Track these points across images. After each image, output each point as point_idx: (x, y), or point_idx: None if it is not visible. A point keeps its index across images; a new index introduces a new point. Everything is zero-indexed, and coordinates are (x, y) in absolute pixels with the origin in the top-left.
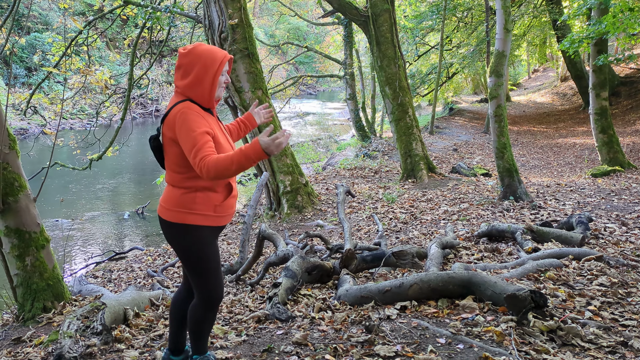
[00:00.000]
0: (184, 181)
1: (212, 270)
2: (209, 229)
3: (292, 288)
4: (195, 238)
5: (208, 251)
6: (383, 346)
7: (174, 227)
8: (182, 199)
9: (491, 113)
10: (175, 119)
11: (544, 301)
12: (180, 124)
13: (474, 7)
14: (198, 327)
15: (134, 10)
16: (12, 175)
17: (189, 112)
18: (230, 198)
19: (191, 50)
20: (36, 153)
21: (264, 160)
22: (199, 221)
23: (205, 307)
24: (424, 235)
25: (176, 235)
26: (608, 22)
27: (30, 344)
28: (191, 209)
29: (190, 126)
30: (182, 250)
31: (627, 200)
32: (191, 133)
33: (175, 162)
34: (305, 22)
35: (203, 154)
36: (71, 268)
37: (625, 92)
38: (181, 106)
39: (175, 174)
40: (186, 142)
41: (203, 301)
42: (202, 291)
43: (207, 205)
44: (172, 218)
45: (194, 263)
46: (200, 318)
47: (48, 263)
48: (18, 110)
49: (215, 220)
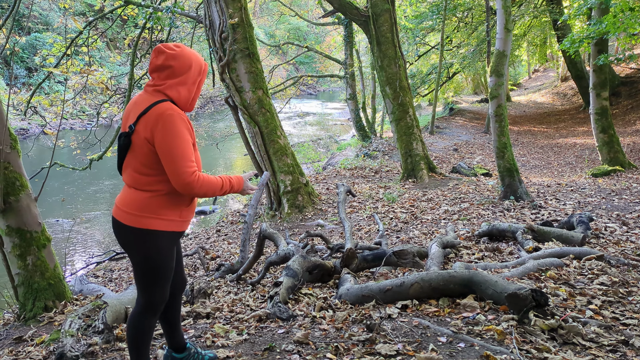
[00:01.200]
0: (152, 184)
1: (163, 278)
2: (171, 235)
3: (293, 287)
4: (157, 245)
5: (166, 259)
6: (384, 345)
7: (135, 233)
8: (148, 203)
9: (492, 113)
10: (159, 119)
11: (545, 300)
12: (165, 127)
13: (474, 7)
14: (140, 334)
15: (135, 11)
16: (13, 174)
17: (177, 115)
18: (193, 202)
19: (180, 53)
20: (36, 153)
21: (264, 160)
22: (163, 226)
23: (147, 313)
24: (425, 235)
25: (136, 241)
26: (608, 22)
27: (31, 343)
28: (157, 214)
29: (179, 132)
30: (140, 257)
31: (627, 199)
32: (179, 140)
33: (145, 163)
34: (306, 22)
35: (193, 167)
36: (72, 268)
37: (626, 92)
38: (165, 107)
39: (142, 175)
40: (172, 148)
41: (146, 307)
42: (149, 297)
43: (174, 210)
44: (134, 223)
45: (149, 270)
46: (141, 326)
47: (49, 262)
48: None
49: (180, 225)
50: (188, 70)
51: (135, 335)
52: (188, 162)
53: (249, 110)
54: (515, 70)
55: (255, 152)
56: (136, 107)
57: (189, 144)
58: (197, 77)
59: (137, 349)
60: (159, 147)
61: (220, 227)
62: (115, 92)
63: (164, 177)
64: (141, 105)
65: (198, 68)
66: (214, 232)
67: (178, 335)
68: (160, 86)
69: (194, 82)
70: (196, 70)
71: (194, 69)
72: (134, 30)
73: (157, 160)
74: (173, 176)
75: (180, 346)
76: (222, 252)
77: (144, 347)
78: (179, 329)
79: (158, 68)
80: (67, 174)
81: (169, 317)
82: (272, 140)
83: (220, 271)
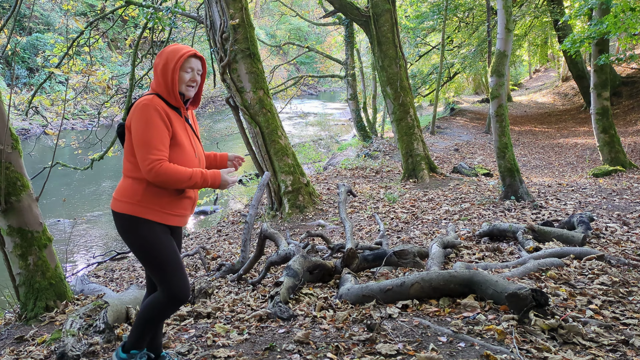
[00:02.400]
0: (134, 171)
1: (170, 263)
2: (155, 225)
3: (293, 287)
4: (145, 232)
5: (163, 243)
6: (385, 344)
7: (124, 219)
8: (131, 189)
9: (492, 113)
10: (135, 109)
11: (545, 300)
12: (137, 115)
13: (475, 7)
14: (152, 321)
15: (136, 11)
16: (14, 174)
17: (150, 105)
18: (183, 198)
19: (161, 51)
20: (38, 153)
21: (265, 160)
22: (147, 215)
23: (169, 305)
24: (425, 235)
25: (126, 228)
26: (609, 22)
27: (32, 343)
28: (139, 201)
29: (149, 120)
30: (133, 245)
31: (628, 200)
32: (146, 127)
33: (129, 150)
34: (307, 23)
35: (158, 156)
36: (73, 268)
37: (627, 92)
38: (144, 98)
39: (129, 163)
40: (138, 135)
41: (168, 298)
42: (167, 287)
43: (155, 199)
44: (121, 209)
45: (151, 257)
46: (159, 314)
47: (50, 262)
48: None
49: (164, 218)
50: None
51: (148, 318)
52: (153, 149)
53: (250, 110)
54: (516, 70)
55: (256, 152)
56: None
57: (159, 133)
58: (171, 65)
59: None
60: (132, 134)
61: (221, 227)
62: (116, 92)
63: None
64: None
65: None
66: (215, 232)
67: (156, 342)
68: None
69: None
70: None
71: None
72: (135, 31)
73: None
74: (139, 162)
75: (155, 354)
76: (223, 252)
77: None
78: (159, 336)
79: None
80: (69, 174)
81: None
82: (273, 141)
83: (221, 271)
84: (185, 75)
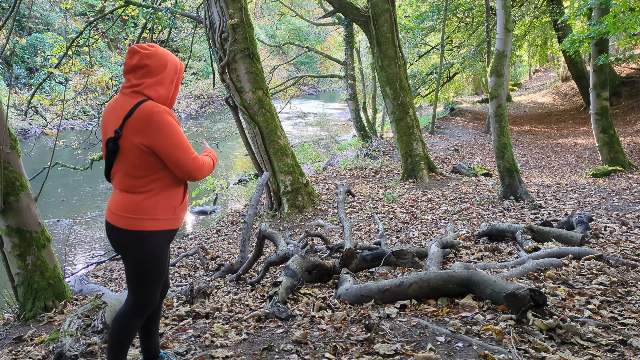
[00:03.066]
0: (145, 185)
1: (156, 279)
2: (165, 234)
3: (292, 287)
4: (152, 246)
5: (161, 260)
6: (383, 344)
7: (131, 235)
8: (142, 205)
9: (492, 113)
10: (150, 120)
11: (544, 300)
12: (159, 126)
13: (475, 8)
14: (124, 335)
15: (135, 11)
16: (13, 174)
17: (165, 111)
18: (185, 198)
19: (155, 52)
20: (37, 153)
21: (264, 160)
22: (158, 226)
23: (135, 315)
24: (425, 235)
25: (132, 244)
26: (609, 22)
27: (31, 343)
28: (152, 215)
29: (173, 126)
30: (136, 260)
31: (627, 200)
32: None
33: (136, 165)
34: (306, 23)
35: (195, 154)
36: (72, 268)
37: (626, 92)
38: (151, 106)
39: (134, 178)
40: (174, 143)
41: (135, 308)
42: (138, 298)
43: (168, 208)
44: (129, 226)
45: (143, 272)
46: (127, 327)
47: (49, 262)
48: (19, 110)
49: (174, 223)
50: (164, 69)
51: (118, 335)
52: (190, 150)
53: (249, 110)
54: (516, 70)
55: (255, 152)
56: (117, 112)
57: (183, 135)
58: (173, 75)
59: (116, 348)
60: (158, 146)
61: (220, 227)
62: (116, 92)
63: (155, 177)
64: (122, 108)
65: (174, 67)
66: (214, 232)
67: (153, 343)
68: (138, 87)
69: (171, 81)
70: (172, 69)
71: (170, 67)
72: (134, 31)
73: (149, 162)
74: (181, 169)
75: (153, 355)
76: (222, 252)
77: (124, 348)
78: (155, 336)
79: (133, 68)
80: (68, 174)
81: (146, 323)
82: (272, 141)
83: (220, 271)
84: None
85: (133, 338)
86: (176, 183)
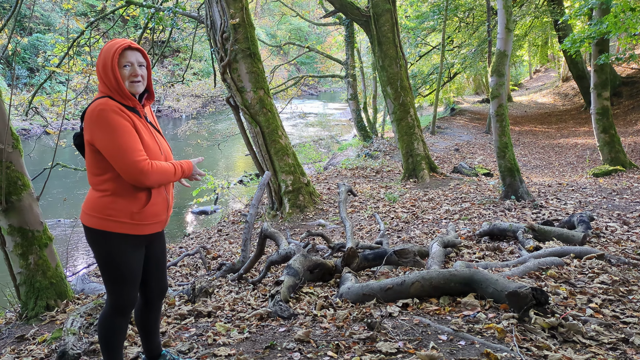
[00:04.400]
0: (101, 183)
1: (127, 281)
2: (123, 238)
3: (294, 286)
4: (114, 246)
5: (127, 261)
6: (385, 343)
7: (93, 233)
8: (98, 203)
9: (493, 112)
10: (92, 118)
11: (545, 298)
12: (97, 123)
13: (475, 8)
14: (109, 338)
15: (136, 11)
16: (15, 174)
17: (107, 108)
18: (150, 205)
19: (100, 50)
20: (37, 154)
21: (266, 159)
22: (115, 228)
23: (115, 314)
24: (426, 235)
25: (95, 242)
26: (609, 22)
27: (33, 342)
28: (107, 215)
29: (115, 125)
30: (101, 258)
31: (628, 199)
32: (118, 132)
33: (90, 162)
34: (307, 23)
35: (140, 156)
36: (73, 267)
37: (627, 92)
38: (96, 103)
39: (93, 175)
40: (114, 143)
41: (114, 308)
42: (115, 298)
43: (122, 212)
44: (90, 223)
45: (110, 271)
46: (111, 327)
47: (51, 261)
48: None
49: (135, 229)
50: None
51: (105, 336)
52: (135, 152)
53: (250, 110)
54: (516, 70)
55: (256, 152)
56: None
57: (130, 135)
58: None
59: (107, 349)
60: (101, 146)
61: (222, 226)
62: None
63: (108, 177)
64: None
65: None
66: (215, 232)
67: (154, 342)
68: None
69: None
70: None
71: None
72: (135, 31)
73: (98, 160)
74: (123, 170)
75: (155, 354)
76: (223, 252)
77: (115, 348)
78: (155, 336)
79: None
80: (69, 174)
81: (144, 323)
82: (274, 140)
83: (221, 270)
84: (124, 71)
85: (122, 337)
86: (132, 188)
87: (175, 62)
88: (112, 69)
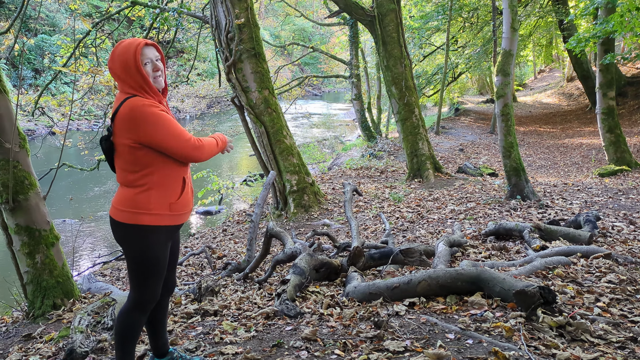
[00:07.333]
0: (137, 180)
1: (156, 274)
2: (162, 230)
3: (300, 285)
4: (151, 240)
5: (160, 255)
6: (392, 341)
7: (128, 229)
8: (136, 199)
9: (498, 112)
10: (134, 116)
11: (553, 297)
12: (142, 119)
13: (480, 7)
14: (129, 331)
15: (142, 12)
16: (22, 173)
17: (146, 104)
18: (184, 194)
19: (112, 54)
20: (44, 154)
21: (270, 159)
22: (154, 221)
23: (136, 310)
24: (431, 234)
25: (129, 237)
26: (615, 22)
27: (40, 340)
28: (147, 209)
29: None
30: (135, 253)
31: (634, 199)
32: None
33: (130, 160)
34: (311, 23)
35: (188, 136)
36: (79, 267)
37: (632, 92)
38: (133, 103)
39: (129, 173)
40: (161, 133)
41: (137, 303)
42: (140, 294)
43: (161, 204)
44: (126, 219)
45: (142, 266)
46: (130, 323)
47: (58, 261)
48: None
49: (172, 219)
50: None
51: (123, 332)
52: (183, 133)
53: (255, 110)
54: (521, 70)
55: (261, 151)
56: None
57: (173, 121)
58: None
59: (123, 345)
60: (151, 139)
61: (227, 226)
62: None
63: (147, 171)
64: (115, 104)
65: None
66: (220, 232)
67: (161, 340)
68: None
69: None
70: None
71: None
72: (140, 32)
73: (138, 156)
74: (179, 152)
75: (162, 351)
76: (228, 252)
77: (130, 345)
78: (163, 333)
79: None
80: (75, 174)
81: (153, 319)
82: (278, 140)
83: (227, 270)
84: (147, 68)
85: (139, 334)
86: (171, 179)
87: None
88: (137, 68)
